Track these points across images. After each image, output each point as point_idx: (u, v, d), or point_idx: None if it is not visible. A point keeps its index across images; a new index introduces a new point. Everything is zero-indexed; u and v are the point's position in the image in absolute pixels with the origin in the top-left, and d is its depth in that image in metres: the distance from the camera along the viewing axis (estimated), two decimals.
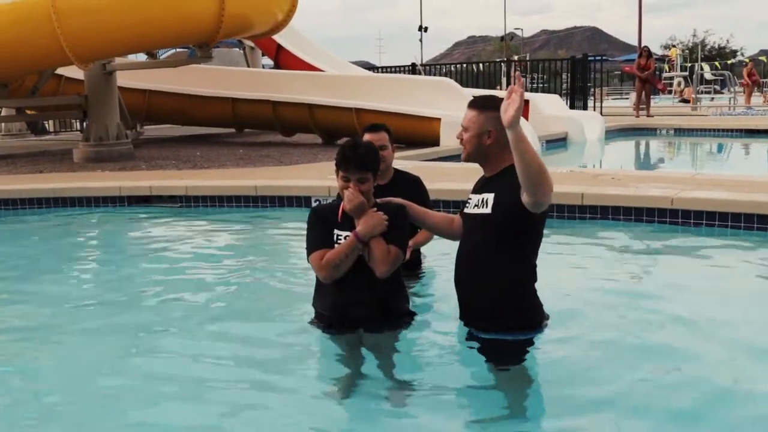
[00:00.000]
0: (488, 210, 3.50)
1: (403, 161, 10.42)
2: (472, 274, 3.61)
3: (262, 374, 3.61)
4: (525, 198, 3.31)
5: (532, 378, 3.44)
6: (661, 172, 11.39)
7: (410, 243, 4.19)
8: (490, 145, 3.50)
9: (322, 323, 3.85)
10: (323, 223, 3.78)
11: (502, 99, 3.49)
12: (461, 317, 3.76)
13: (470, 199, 3.69)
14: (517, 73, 3.32)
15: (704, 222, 6.42)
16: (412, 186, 4.69)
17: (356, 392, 3.32)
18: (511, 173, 3.37)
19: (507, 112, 3.16)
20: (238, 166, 11.03)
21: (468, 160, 3.62)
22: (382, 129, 4.65)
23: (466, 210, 3.71)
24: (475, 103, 3.58)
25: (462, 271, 3.68)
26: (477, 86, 21.06)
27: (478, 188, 3.65)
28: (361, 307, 3.72)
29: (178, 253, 6.46)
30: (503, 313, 3.55)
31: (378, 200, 3.83)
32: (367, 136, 4.54)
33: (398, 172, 4.74)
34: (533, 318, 3.64)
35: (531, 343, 3.60)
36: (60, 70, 13.90)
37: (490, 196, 3.50)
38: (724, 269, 5.45)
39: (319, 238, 3.74)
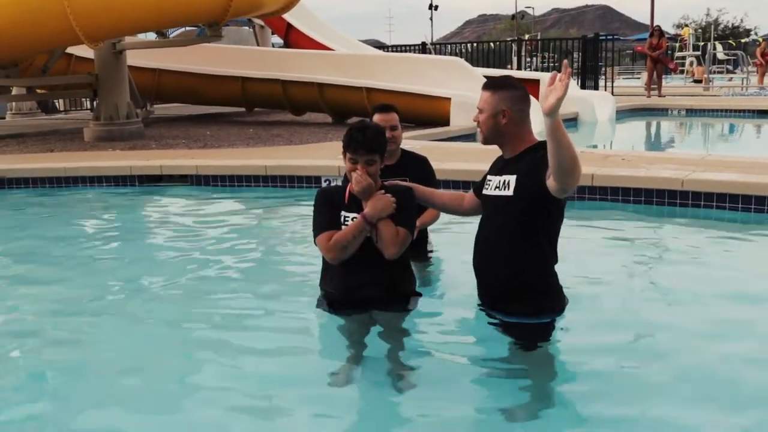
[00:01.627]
0: (510, 192, 3.48)
1: (413, 141, 10.42)
2: (492, 257, 3.59)
3: (267, 356, 3.65)
4: (552, 183, 3.28)
5: (552, 362, 3.44)
6: (671, 153, 11.33)
7: (417, 223, 4.20)
8: (506, 124, 3.48)
9: (331, 304, 3.85)
10: (330, 205, 3.78)
11: (514, 79, 3.59)
12: (480, 299, 3.75)
13: (489, 180, 3.66)
14: (565, 62, 3.26)
15: (715, 204, 6.39)
16: (419, 166, 4.69)
17: (358, 377, 3.33)
18: (532, 155, 3.40)
19: (548, 99, 3.11)
20: (248, 145, 11.04)
21: (486, 142, 3.61)
22: (392, 109, 4.64)
23: (485, 191, 3.68)
24: (489, 84, 3.57)
25: (482, 254, 3.66)
26: (488, 65, 20.96)
27: (498, 170, 3.62)
28: (369, 288, 3.73)
29: (188, 233, 6.48)
30: (525, 296, 3.54)
31: (385, 182, 3.84)
32: (377, 117, 4.55)
33: (406, 153, 4.73)
34: (555, 301, 3.63)
35: (553, 326, 3.59)
36: (70, 49, 13.90)
37: (512, 178, 3.48)
38: (734, 251, 5.44)
39: (326, 220, 3.74)
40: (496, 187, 3.57)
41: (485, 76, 13.95)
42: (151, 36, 14.71)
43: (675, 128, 17.00)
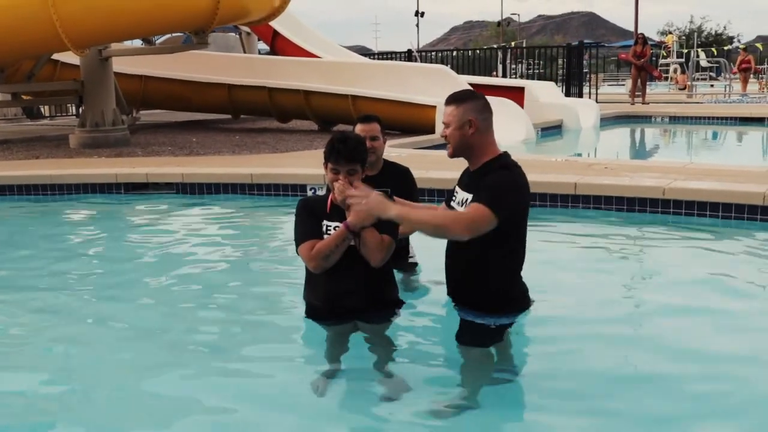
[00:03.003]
0: None
1: (399, 149, 10.48)
2: (455, 265, 3.69)
3: (250, 363, 3.71)
4: None
5: (512, 360, 3.57)
6: (654, 161, 11.43)
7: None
8: (473, 134, 3.54)
9: (315, 314, 3.86)
10: (311, 214, 3.79)
11: (474, 91, 3.73)
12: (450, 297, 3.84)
13: (456, 193, 3.74)
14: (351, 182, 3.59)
15: (696, 212, 6.48)
16: (401, 177, 4.70)
17: (337, 387, 3.37)
18: (486, 171, 3.50)
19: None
20: (234, 152, 11.06)
21: (454, 155, 3.65)
22: (374, 120, 4.64)
23: (452, 203, 3.76)
24: (451, 98, 3.64)
25: (448, 261, 3.75)
26: (473, 72, 21.06)
27: (465, 184, 3.69)
28: (353, 297, 3.73)
29: (173, 241, 6.50)
30: (486, 300, 3.61)
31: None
32: (358, 127, 4.56)
33: (388, 163, 4.73)
34: (516, 305, 3.68)
35: (509, 326, 3.67)
36: (56, 56, 13.90)
37: (469, 197, 3.55)
38: (714, 259, 5.51)
39: (308, 229, 3.74)
40: (459, 203, 3.65)
41: (470, 84, 14.12)
42: (138, 43, 14.73)
43: (658, 136, 17.15)
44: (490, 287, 3.56)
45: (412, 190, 4.65)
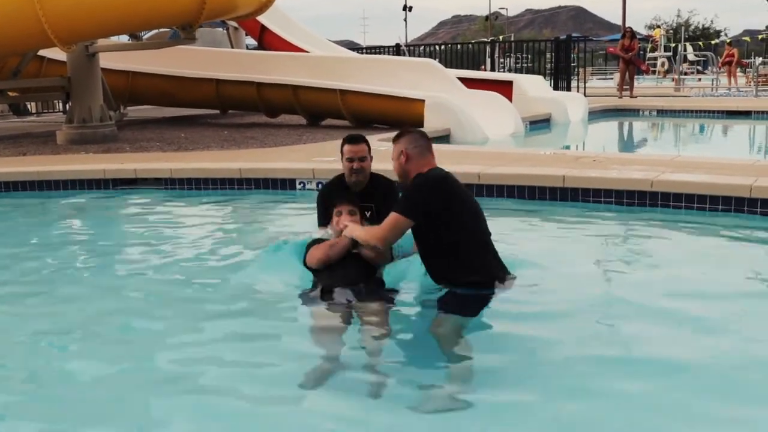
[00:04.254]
0: None
1: (388, 143, 10.47)
2: (422, 255, 4.26)
3: (244, 355, 3.72)
4: None
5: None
6: (642, 154, 11.48)
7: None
8: (406, 161, 4.20)
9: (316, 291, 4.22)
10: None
11: (412, 129, 4.46)
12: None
13: None
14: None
15: (683, 204, 6.51)
16: (385, 192, 4.87)
17: (331, 377, 3.40)
18: (413, 180, 4.16)
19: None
20: (222, 148, 11.04)
21: (399, 179, 4.34)
22: (362, 141, 4.85)
23: None
24: (392, 139, 4.34)
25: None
26: (461, 66, 21.09)
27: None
28: (348, 267, 4.27)
29: (163, 236, 6.48)
30: (450, 277, 4.12)
31: None
32: (347, 148, 4.79)
33: (374, 178, 4.90)
34: (472, 279, 4.07)
35: (478, 298, 4.04)
36: (42, 52, 13.80)
37: None
38: (701, 251, 5.55)
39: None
40: None
41: (458, 78, 14.13)
42: (124, 38, 14.66)
43: (646, 129, 17.22)
44: (448, 267, 4.08)
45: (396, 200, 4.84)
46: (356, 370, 3.45)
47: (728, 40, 32.91)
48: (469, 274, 4.03)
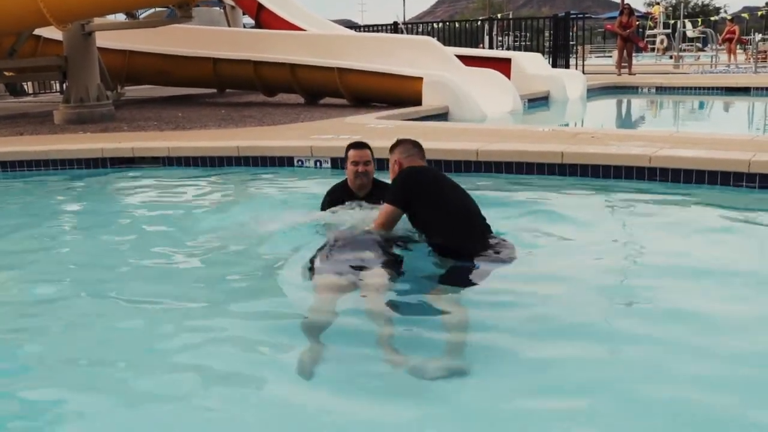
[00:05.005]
0: None
1: (387, 120, 10.47)
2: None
3: (242, 335, 3.74)
4: None
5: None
6: (640, 130, 11.47)
7: None
8: (400, 169, 4.62)
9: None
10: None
11: (406, 139, 4.81)
12: None
13: None
14: None
15: (682, 180, 6.51)
16: (382, 192, 4.94)
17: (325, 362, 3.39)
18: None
19: None
20: (220, 126, 11.02)
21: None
22: (366, 146, 5.03)
23: None
24: (390, 148, 4.79)
25: None
26: (460, 45, 20.99)
27: None
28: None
29: (161, 216, 6.48)
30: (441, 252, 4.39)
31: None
32: (351, 152, 4.99)
33: (377, 184, 5.04)
34: (458, 254, 4.31)
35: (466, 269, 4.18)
36: (38, 31, 13.73)
37: None
38: (700, 225, 5.55)
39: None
40: None
41: (456, 56, 14.06)
42: (121, 17, 14.57)
43: (645, 106, 17.19)
44: (438, 244, 4.40)
45: None
46: (355, 332, 3.53)
47: (729, 17, 32.73)
48: (448, 252, 4.32)
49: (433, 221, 4.42)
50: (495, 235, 4.47)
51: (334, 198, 5.01)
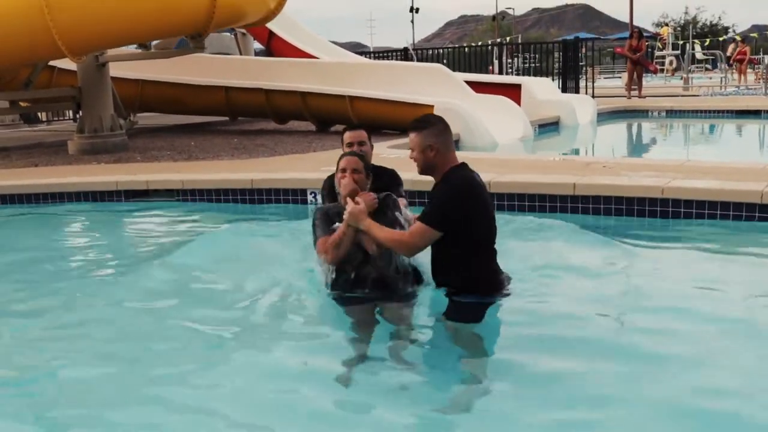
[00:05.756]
0: None
1: (398, 150, 10.51)
2: (435, 261, 4.23)
3: (259, 357, 3.88)
4: None
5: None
6: (652, 159, 11.44)
7: None
8: (435, 155, 4.05)
9: (339, 290, 4.34)
10: (326, 219, 4.44)
11: (434, 117, 4.26)
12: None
13: None
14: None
15: (694, 211, 6.51)
16: (389, 178, 5.11)
17: (363, 373, 3.58)
18: (441, 184, 4.07)
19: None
20: (233, 156, 11.09)
21: (422, 173, 4.18)
22: (361, 127, 5.16)
23: None
24: (414, 126, 4.14)
25: (432, 259, 4.28)
26: (469, 68, 21.14)
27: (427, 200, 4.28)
28: (369, 266, 4.28)
29: (174, 250, 6.49)
30: (460, 285, 4.13)
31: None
32: (347, 134, 5.07)
33: (375, 167, 4.97)
34: (487, 288, 4.16)
35: (485, 305, 4.10)
36: (53, 62, 13.89)
37: None
38: (712, 259, 5.56)
39: (323, 231, 4.38)
40: None
41: (466, 82, 14.14)
42: (134, 46, 14.71)
43: (655, 130, 17.19)
44: (460, 275, 4.07)
45: (400, 189, 5.11)
46: (379, 369, 3.62)
47: (740, 38, 32.74)
48: (476, 285, 4.13)
49: (479, 249, 4.09)
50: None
51: (331, 183, 4.93)
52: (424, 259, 4.36)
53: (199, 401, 3.44)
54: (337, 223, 4.33)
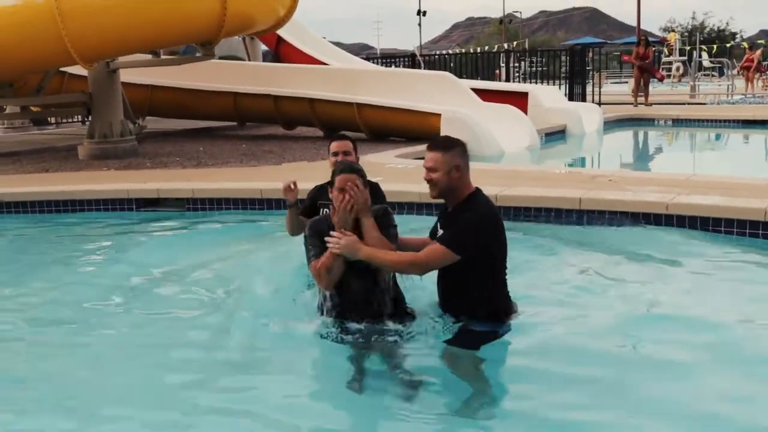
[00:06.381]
0: None
1: (405, 160, 10.59)
2: (443, 285, 4.14)
3: (266, 377, 3.97)
4: None
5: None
6: (658, 173, 11.48)
7: None
8: (458, 177, 3.90)
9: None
10: (316, 235, 4.10)
11: (453, 138, 4.09)
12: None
13: (439, 230, 4.07)
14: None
15: (699, 227, 6.57)
16: (371, 190, 4.96)
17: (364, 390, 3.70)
18: (460, 212, 3.92)
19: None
20: (241, 162, 11.19)
21: (438, 197, 4.00)
22: (347, 138, 5.20)
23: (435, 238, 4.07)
24: (437, 145, 3.99)
25: (439, 281, 4.18)
26: (476, 73, 21.25)
27: (443, 223, 4.08)
28: (359, 308, 4.12)
29: (185, 260, 6.57)
30: (470, 311, 4.05)
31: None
32: (334, 144, 5.13)
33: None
34: (497, 316, 4.10)
35: (495, 334, 4.05)
36: (64, 68, 14.01)
37: None
38: (716, 275, 5.62)
39: (315, 252, 4.09)
40: None
41: (473, 89, 14.20)
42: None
43: (662, 139, 17.21)
44: (470, 302, 3.99)
45: (382, 201, 4.93)
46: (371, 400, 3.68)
47: (748, 45, 32.72)
48: (489, 311, 4.10)
49: (494, 275, 4.06)
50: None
51: (318, 192, 5.07)
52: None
53: (202, 412, 3.55)
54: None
